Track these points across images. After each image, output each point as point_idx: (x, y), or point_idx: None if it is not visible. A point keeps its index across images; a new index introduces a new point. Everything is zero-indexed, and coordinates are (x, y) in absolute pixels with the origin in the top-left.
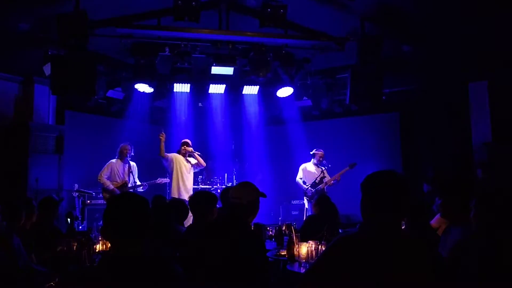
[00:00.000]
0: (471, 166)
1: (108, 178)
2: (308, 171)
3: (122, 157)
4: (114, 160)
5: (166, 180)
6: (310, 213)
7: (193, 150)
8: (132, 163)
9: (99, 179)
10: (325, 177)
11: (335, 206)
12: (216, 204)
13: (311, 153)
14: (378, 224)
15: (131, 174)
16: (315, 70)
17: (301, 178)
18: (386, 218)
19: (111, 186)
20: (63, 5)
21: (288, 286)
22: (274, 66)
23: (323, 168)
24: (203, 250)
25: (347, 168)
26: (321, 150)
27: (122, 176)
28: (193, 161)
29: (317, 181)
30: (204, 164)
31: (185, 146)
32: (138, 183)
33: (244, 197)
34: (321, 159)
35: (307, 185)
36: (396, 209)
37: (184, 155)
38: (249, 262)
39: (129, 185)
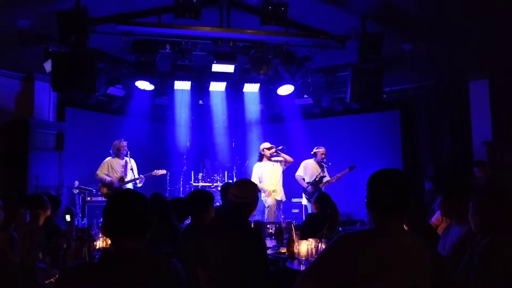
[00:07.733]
0: (471, 164)
1: (106, 175)
2: (309, 168)
3: (118, 154)
4: (109, 158)
5: (163, 171)
6: (309, 212)
7: (275, 150)
8: (130, 159)
9: (96, 175)
10: (325, 176)
11: (335, 205)
12: (213, 203)
13: (313, 152)
14: (381, 222)
15: (131, 171)
16: (315, 68)
17: (300, 175)
18: (390, 216)
19: (108, 179)
20: (63, 2)
21: (288, 284)
22: (275, 64)
23: (324, 166)
24: (204, 248)
25: (347, 170)
26: (322, 148)
27: (120, 172)
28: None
29: (317, 180)
30: (289, 159)
31: (264, 151)
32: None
33: (249, 196)
34: (322, 156)
35: (306, 183)
36: (401, 208)
37: (269, 159)
38: (251, 260)
39: (126, 179)
